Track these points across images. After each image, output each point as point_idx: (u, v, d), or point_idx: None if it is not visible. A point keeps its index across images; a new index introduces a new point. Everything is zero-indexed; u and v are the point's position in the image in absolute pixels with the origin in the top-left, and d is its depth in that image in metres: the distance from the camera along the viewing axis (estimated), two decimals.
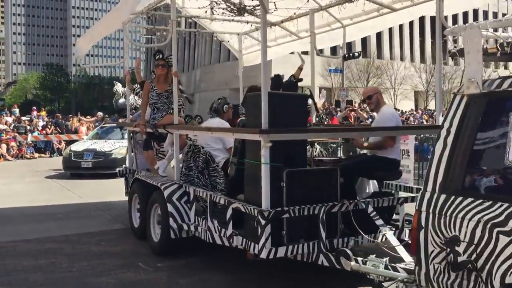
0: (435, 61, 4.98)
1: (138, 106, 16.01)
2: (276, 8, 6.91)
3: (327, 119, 16.89)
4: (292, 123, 4.37)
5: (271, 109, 4.09)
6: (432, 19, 6.07)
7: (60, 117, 24.52)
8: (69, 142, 19.33)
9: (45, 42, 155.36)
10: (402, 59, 47.99)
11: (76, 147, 14.23)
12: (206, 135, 5.52)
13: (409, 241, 4.69)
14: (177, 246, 5.42)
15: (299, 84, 7.64)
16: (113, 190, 10.66)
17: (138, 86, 7.56)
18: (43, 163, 17.61)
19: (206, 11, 7.15)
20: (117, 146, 13.84)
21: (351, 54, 25.62)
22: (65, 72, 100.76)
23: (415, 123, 26.58)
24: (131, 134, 7.74)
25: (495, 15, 55.96)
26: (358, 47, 38.06)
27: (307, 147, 5.01)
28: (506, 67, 53.40)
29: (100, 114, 19.90)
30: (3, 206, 8.95)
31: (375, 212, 4.47)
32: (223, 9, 7.22)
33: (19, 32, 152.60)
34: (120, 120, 16.19)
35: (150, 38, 48.64)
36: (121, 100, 15.91)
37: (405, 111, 29.12)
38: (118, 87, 16.62)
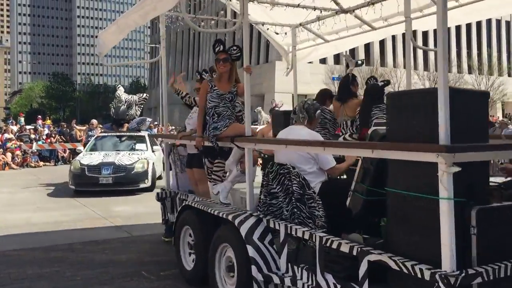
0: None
1: (137, 116, 14.36)
2: None
3: None
4: (473, 134, 2.76)
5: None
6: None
7: (65, 125, 23.52)
8: (74, 151, 18.83)
9: (50, 51, 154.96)
10: (405, 67, 46.34)
11: (88, 160, 11.69)
12: (291, 151, 3.78)
13: None
14: None
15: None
16: (117, 199, 10.53)
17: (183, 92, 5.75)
18: (48, 171, 17.25)
19: None
20: (136, 158, 11.75)
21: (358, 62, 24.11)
22: (70, 81, 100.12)
23: None
24: (171, 148, 6.09)
25: (507, 24, 54.54)
26: (361, 55, 36.72)
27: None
28: (510, 75, 51.91)
29: (94, 121, 17.75)
30: (8, 215, 8.87)
31: None
32: None
33: (24, 42, 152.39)
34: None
35: (154, 46, 47.03)
36: (123, 108, 14.05)
37: None
38: (121, 92, 14.68)
